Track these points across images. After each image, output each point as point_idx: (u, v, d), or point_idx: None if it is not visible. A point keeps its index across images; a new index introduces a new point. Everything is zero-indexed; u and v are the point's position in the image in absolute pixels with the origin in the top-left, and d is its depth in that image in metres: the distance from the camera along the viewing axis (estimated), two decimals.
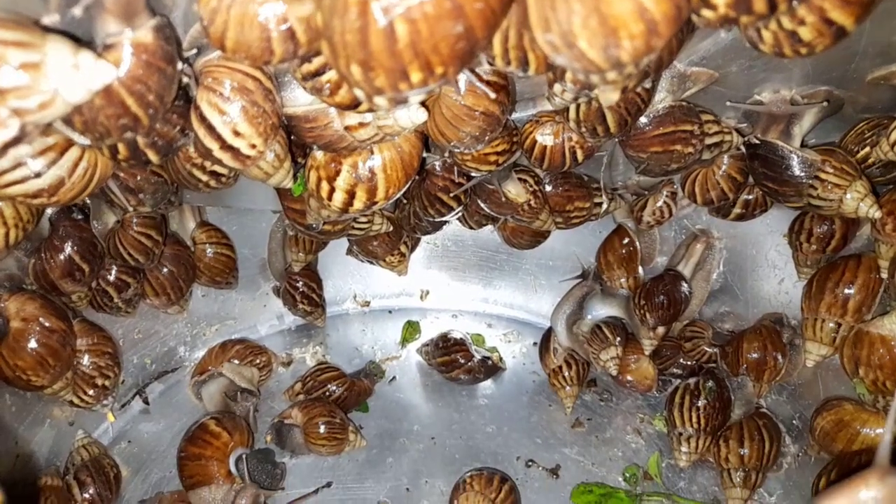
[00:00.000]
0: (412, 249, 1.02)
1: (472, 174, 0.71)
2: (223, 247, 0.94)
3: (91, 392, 0.82)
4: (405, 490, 0.89)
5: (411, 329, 1.14)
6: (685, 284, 0.92)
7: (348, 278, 1.16)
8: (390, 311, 1.17)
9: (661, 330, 0.93)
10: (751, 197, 0.78)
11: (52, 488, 0.78)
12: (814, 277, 0.81)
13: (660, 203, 0.89)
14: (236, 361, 0.97)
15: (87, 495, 0.80)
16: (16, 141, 0.45)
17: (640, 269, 0.98)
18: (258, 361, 1.00)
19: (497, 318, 1.16)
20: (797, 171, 0.70)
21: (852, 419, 0.73)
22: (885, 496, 0.35)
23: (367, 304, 1.17)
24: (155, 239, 0.80)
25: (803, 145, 0.71)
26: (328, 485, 0.89)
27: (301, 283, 1.04)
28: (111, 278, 0.83)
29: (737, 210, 0.80)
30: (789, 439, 0.88)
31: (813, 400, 0.85)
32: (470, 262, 1.17)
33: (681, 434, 0.89)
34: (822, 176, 0.69)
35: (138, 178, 0.64)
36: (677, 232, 0.98)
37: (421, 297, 1.18)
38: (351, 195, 0.62)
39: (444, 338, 1.05)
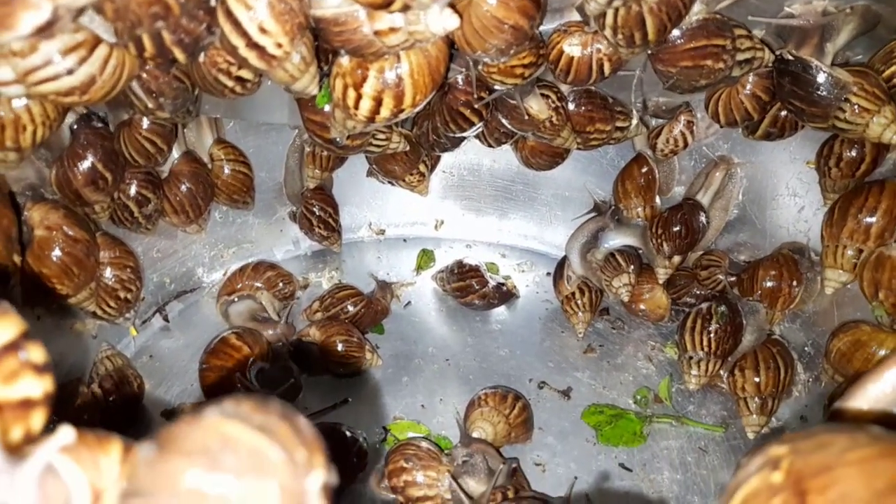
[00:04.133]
0: (432, 170, 1.02)
1: (496, 87, 0.70)
2: (240, 164, 0.94)
3: (113, 304, 0.83)
4: (420, 407, 0.91)
5: (426, 257, 1.14)
6: (703, 214, 0.92)
7: (364, 207, 1.16)
8: (405, 240, 1.18)
9: (676, 259, 0.93)
10: (783, 113, 0.77)
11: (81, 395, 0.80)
12: (835, 204, 0.80)
13: (675, 132, 0.88)
14: (259, 285, 0.98)
15: (110, 400, 0.82)
16: (48, 25, 0.44)
17: (658, 199, 0.98)
18: (286, 291, 1.00)
19: (511, 249, 1.17)
20: (827, 91, 0.69)
21: (870, 339, 0.74)
22: None
23: (382, 232, 1.17)
24: (159, 147, 0.79)
25: (834, 64, 0.70)
26: (345, 401, 0.90)
27: (317, 207, 1.04)
28: (132, 193, 0.83)
29: (766, 126, 0.79)
30: (801, 367, 0.89)
31: (827, 328, 0.85)
32: (485, 192, 1.17)
33: (691, 358, 0.90)
34: (853, 99, 0.68)
35: (160, 80, 0.64)
36: (697, 161, 0.98)
37: (436, 227, 1.18)
38: (378, 102, 0.61)
39: (459, 264, 1.05)
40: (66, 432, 0.25)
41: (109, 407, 0.82)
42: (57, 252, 0.74)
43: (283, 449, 0.21)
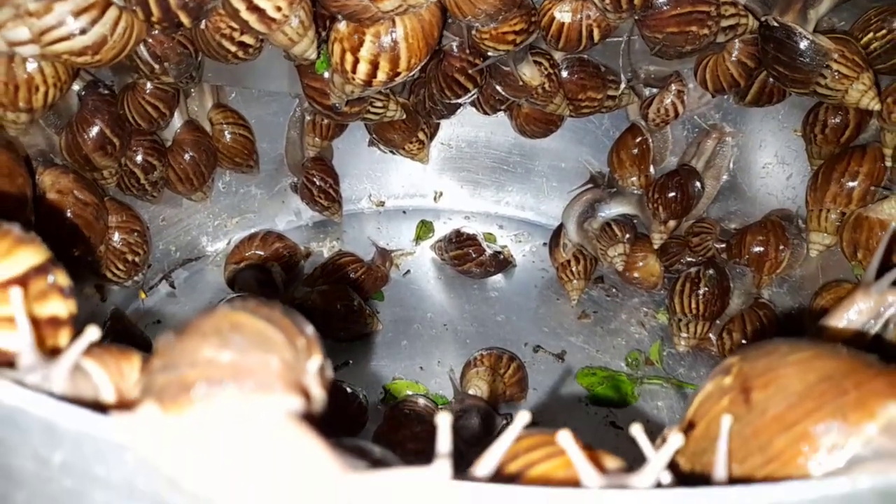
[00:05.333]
0: (431, 138, 1.04)
1: (490, 54, 0.73)
2: (241, 128, 0.96)
3: (122, 266, 0.86)
4: (418, 369, 0.94)
5: (425, 228, 1.17)
6: (698, 179, 0.94)
7: (364, 179, 1.19)
8: (404, 212, 1.20)
9: (672, 223, 0.96)
10: (771, 79, 0.79)
11: None
12: (819, 170, 0.83)
13: (666, 102, 0.91)
14: (266, 255, 1.00)
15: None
16: None
17: (652, 169, 1.00)
18: (292, 261, 1.02)
19: (508, 220, 1.19)
20: (809, 58, 0.71)
21: None
22: (870, 307, 0.39)
23: (382, 203, 1.20)
24: (161, 111, 0.82)
25: (818, 31, 0.72)
26: (346, 363, 0.94)
27: (318, 177, 1.07)
28: (138, 160, 0.86)
29: (755, 92, 0.81)
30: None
31: (812, 291, 0.88)
32: (483, 164, 1.19)
33: (680, 320, 0.93)
34: (833, 65, 0.71)
35: (165, 45, 0.66)
36: (689, 131, 1.00)
37: (434, 199, 1.21)
38: (374, 66, 0.64)
39: (457, 233, 1.08)
40: (93, 331, 0.28)
41: None
42: (68, 215, 0.77)
43: (284, 334, 0.24)
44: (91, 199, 0.78)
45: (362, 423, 0.83)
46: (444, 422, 0.24)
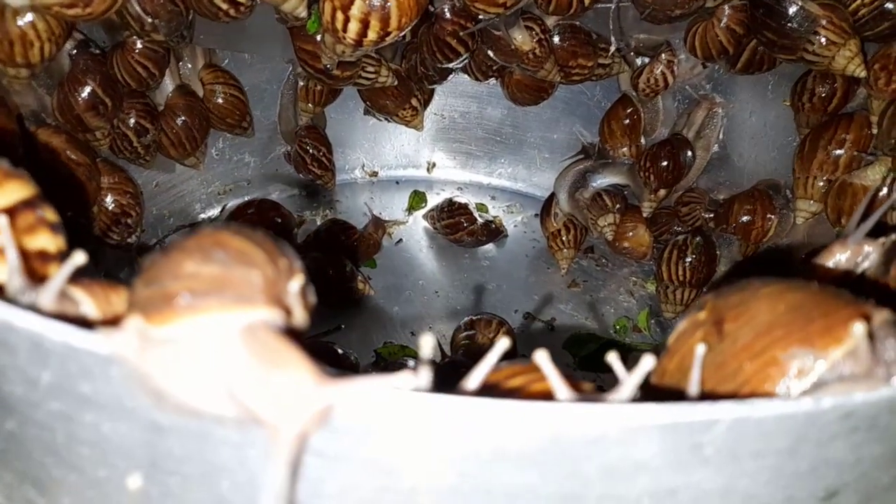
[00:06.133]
0: (425, 105, 1.04)
1: (480, 17, 0.73)
2: (232, 88, 0.95)
3: (115, 229, 0.87)
4: (410, 334, 0.95)
5: (418, 198, 1.18)
6: (689, 149, 0.95)
7: (357, 148, 1.19)
8: (397, 182, 1.21)
9: (662, 193, 0.97)
10: (762, 47, 0.80)
11: None
12: (806, 138, 0.83)
13: (657, 72, 0.91)
14: (262, 222, 1.00)
15: None
16: None
17: (643, 139, 1.01)
18: (285, 229, 1.02)
19: (500, 191, 1.20)
20: (798, 23, 0.72)
21: None
22: (847, 257, 0.40)
23: (375, 174, 1.21)
24: (151, 72, 0.81)
25: None
26: (338, 328, 0.94)
27: (310, 146, 1.07)
28: (131, 123, 0.86)
29: (746, 59, 0.81)
30: None
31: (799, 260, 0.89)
32: (476, 135, 1.20)
33: (668, 287, 0.94)
34: (821, 31, 0.71)
35: (156, 2, 0.66)
36: (680, 102, 1.00)
37: (427, 170, 1.21)
38: (365, 24, 0.64)
39: (449, 202, 1.09)
40: (79, 255, 0.28)
41: None
42: (60, 174, 0.77)
43: (266, 254, 0.25)
44: (83, 159, 0.79)
45: None
46: (427, 340, 0.25)
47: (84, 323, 0.28)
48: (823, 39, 0.70)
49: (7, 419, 0.33)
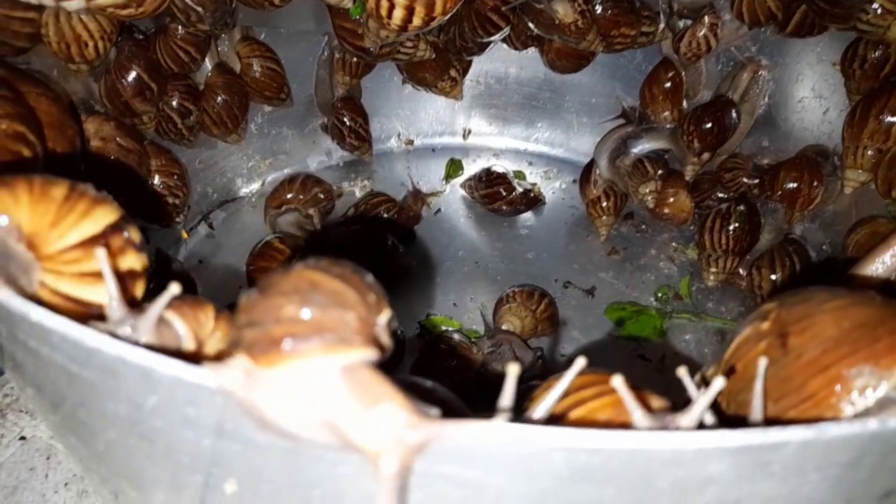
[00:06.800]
0: (463, 74, 1.04)
1: None
2: (269, 60, 0.96)
3: (163, 210, 0.89)
4: (452, 305, 0.97)
5: (454, 166, 1.18)
6: (734, 111, 0.93)
7: (392, 117, 1.19)
8: (433, 150, 1.21)
9: (706, 156, 0.95)
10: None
11: None
12: (857, 105, 0.81)
13: (699, 35, 0.89)
14: (306, 198, 1.01)
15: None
16: None
17: (685, 103, 0.99)
18: (329, 206, 1.03)
19: (538, 157, 1.19)
20: None
21: (886, 230, 0.77)
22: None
23: (411, 142, 1.21)
24: (193, 56, 0.83)
25: None
26: None
27: (347, 117, 1.08)
28: (174, 104, 0.87)
29: (796, 22, 0.79)
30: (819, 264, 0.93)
31: (845, 227, 0.88)
32: (512, 100, 1.19)
33: (710, 256, 0.94)
34: (876, 0, 0.69)
35: None
36: (724, 65, 0.98)
37: (463, 136, 1.21)
38: (410, 11, 0.63)
39: (487, 172, 1.09)
40: (175, 287, 0.30)
41: None
42: (113, 162, 0.79)
43: (357, 292, 0.26)
44: (133, 145, 0.80)
45: (400, 356, 0.87)
46: (512, 373, 0.26)
47: (184, 355, 0.30)
48: (878, 8, 0.68)
49: (108, 430, 0.35)
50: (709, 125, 0.93)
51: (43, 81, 0.64)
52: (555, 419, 0.31)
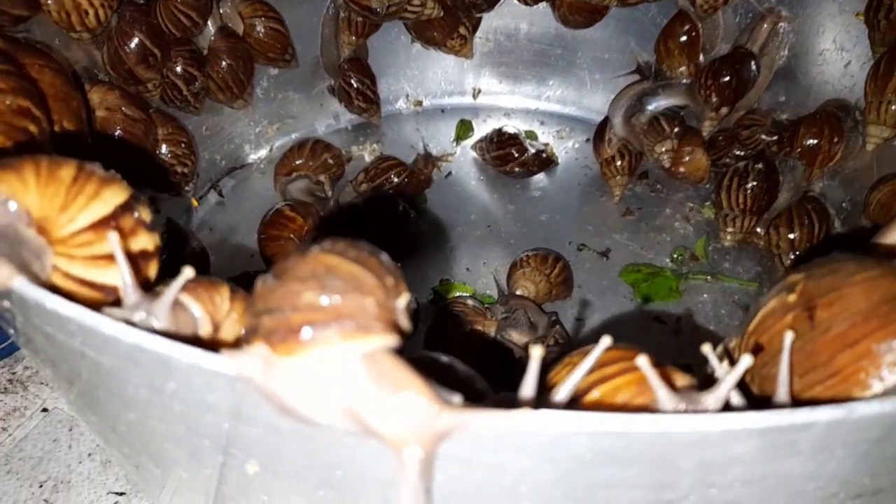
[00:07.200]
0: (473, 32, 1.01)
1: None
2: (272, 21, 0.93)
3: (172, 179, 0.88)
4: (465, 270, 0.97)
5: (464, 127, 1.16)
6: (754, 62, 0.90)
7: (400, 78, 1.17)
8: (443, 111, 1.19)
9: (724, 111, 0.93)
10: None
11: None
12: (881, 58, 0.79)
13: None
14: (316, 164, 0.99)
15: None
16: None
17: (701, 57, 0.97)
18: (339, 171, 1.02)
19: (550, 116, 1.17)
20: None
21: None
22: None
23: (420, 103, 1.19)
24: (195, 20, 0.81)
25: None
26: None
27: (354, 79, 1.05)
28: (178, 71, 0.86)
29: None
30: (838, 222, 0.91)
31: (866, 184, 0.86)
32: (522, 58, 1.16)
33: (727, 215, 0.93)
34: None
35: None
36: (742, 17, 0.95)
37: (473, 96, 1.19)
38: None
39: (498, 133, 1.07)
40: (188, 271, 0.30)
41: None
42: (119, 132, 0.78)
43: (375, 276, 0.25)
44: (139, 114, 0.79)
45: (415, 324, 0.87)
46: (535, 356, 0.26)
47: (201, 341, 0.30)
48: None
49: (129, 411, 0.35)
50: (727, 78, 0.91)
51: (45, 52, 0.62)
52: (577, 396, 0.31)
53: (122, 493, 0.68)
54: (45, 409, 0.75)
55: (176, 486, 0.42)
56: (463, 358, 0.78)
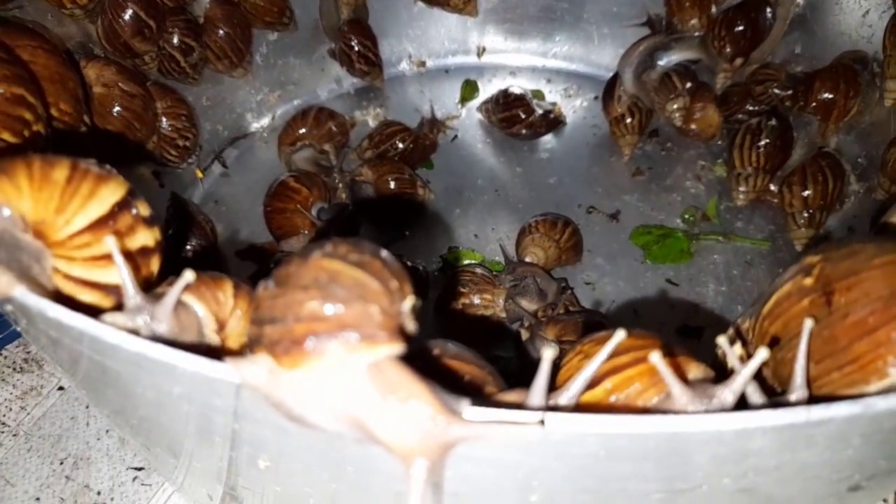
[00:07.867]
0: None
1: None
2: None
3: (174, 152, 0.87)
4: (473, 237, 0.96)
5: (469, 88, 1.13)
6: (769, 8, 0.87)
7: (402, 38, 1.14)
8: (447, 71, 1.16)
9: (738, 62, 0.90)
10: None
11: None
12: None
13: None
14: (321, 133, 0.97)
15: (188, 247, 0.88)
16: None
17: (714, 9, 0.93)
18: (343, 139, 1.00)
19: (556, 73, 1.14)
20: None
21: None
22: None
23: (423, 64, 1.16)
24: None
25: None
26: (403, 235, 0.96)
27: (355, 41, 1.03)
28: (175, 42, 0.84)
29: None
30: (853, 178, 0.89)
31: (883, 139, 0.84)
32: (528, 13, 1.12)
33: (739, 174, 0.91)
34: None
35: None
36: None
37: (478, 55, 1.16)
38: None
39: (504, 94, 1.04)
40: (189, 274, 0.29)
41: (187, 251, 0.89)
42: (117, 108, 0.77)
43: (378, 280, 0.25)
44: (137, 89, 0.78)
45: (424, 293, 0.87)
46: (547, 357, 0.25)
47: (204, 347, 0.29)
48: None
49: (139, 408, 0.35)
50: (741, 27, 0.88)
51: (37, 32, 0.61)
52: (589, 386, 0.31)
53: (140, 468, 0.69)
54: (61, 388, 0.76)
55: (189, 470, 0.43)
56: (472, 329, 0.77)
